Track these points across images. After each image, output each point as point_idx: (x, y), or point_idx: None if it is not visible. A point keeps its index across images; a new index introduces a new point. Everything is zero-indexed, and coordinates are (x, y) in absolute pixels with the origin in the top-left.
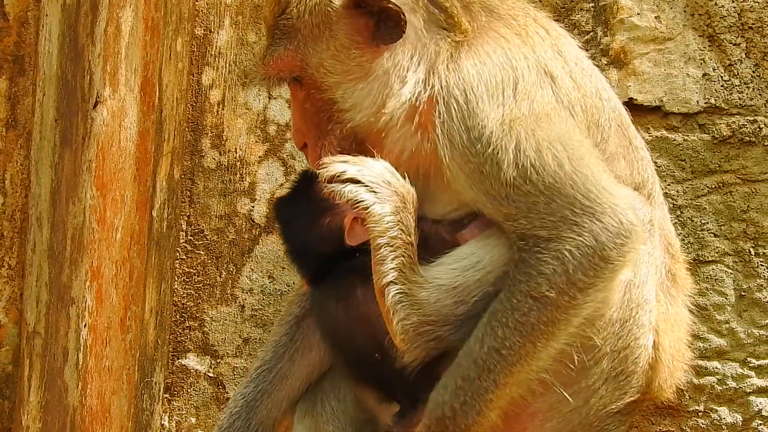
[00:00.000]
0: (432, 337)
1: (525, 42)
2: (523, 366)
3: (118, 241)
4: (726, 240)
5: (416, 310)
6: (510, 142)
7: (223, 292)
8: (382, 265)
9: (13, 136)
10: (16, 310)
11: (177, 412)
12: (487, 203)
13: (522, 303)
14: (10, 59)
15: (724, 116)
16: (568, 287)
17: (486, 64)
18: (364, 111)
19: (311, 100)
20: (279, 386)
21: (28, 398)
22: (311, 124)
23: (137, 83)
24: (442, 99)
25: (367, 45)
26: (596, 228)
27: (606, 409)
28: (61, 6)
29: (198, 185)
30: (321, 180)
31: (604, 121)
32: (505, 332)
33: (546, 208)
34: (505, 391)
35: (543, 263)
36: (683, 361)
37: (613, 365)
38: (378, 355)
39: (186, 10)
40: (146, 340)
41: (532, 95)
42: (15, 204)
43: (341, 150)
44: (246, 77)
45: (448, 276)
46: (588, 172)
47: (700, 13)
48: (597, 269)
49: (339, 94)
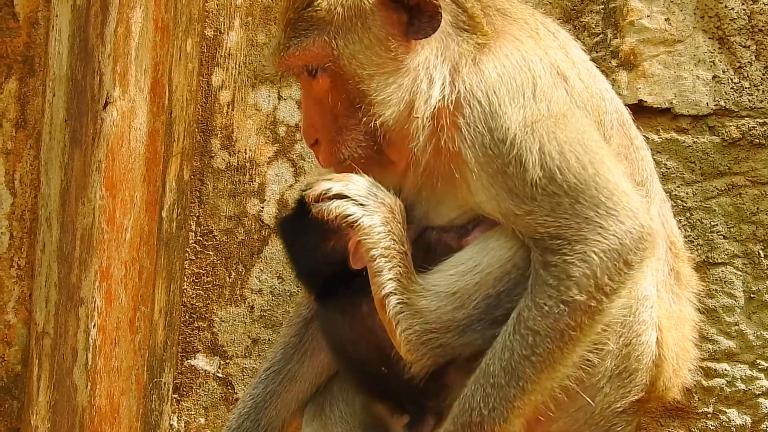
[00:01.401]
0: (437, 345)
1: (538, 44)
2: (550, 372)
3: (128, 241)
4: (735, 242)
5: (418, 319)
6: (534, 144)
7: (233, 292)
8: (379, 277)
9: (22, 137)
10: (25, 310)
11: (186, 413)
12: (507, 200)
13: (553, 308)
14: (20, 60)
15: (733, 118)
16: (596, 291)
17: (506, 66)
18: (393, 107)
19: (336, 92)
20: (288, 387)
21: (37, 398)
22: (329, 119)
23: (147, 84)
24: (466, 101)
25: (400, 38)
26: (620, 231)
27: (611, 408)
28: (71, 6)
29: (207, 186)
30: (307, 199)
31: (607, 120)
32: (536, 339)
33: (570, 208)
34: (531, 397)
35: (570, 265)
36: (689, 359)
37: (616, 363)
38: (385, 368)
39: (196, 11)
40: (155, 340)
41: (550, 96)
42: (24, 204)
43: (362, 147)
44: (256, 78)
45: (447, 282)
46: (609, 175)
47: (710, 16)
48: (621, 273)
49: (372, 86)
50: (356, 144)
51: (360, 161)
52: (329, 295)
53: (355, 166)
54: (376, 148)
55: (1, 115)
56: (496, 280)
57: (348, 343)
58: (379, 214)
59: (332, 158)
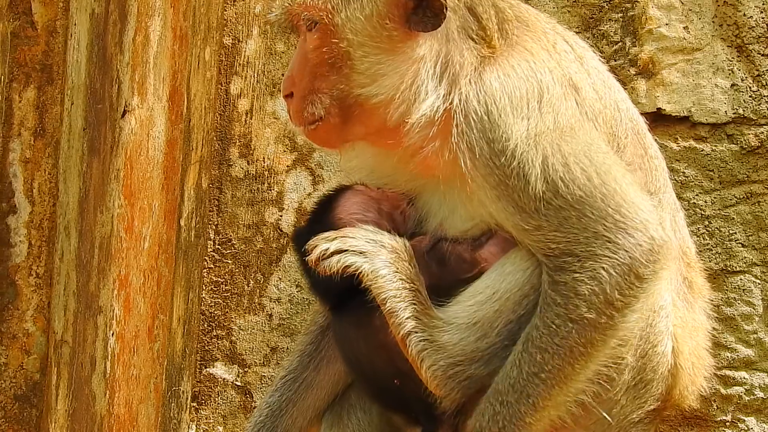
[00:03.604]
0: (464, 377)
1: (552, 56)
2: (561, 388)
3: (146, 250)
4: (754, 250)
5: (442, 354)
6: (536, 156)
7: (251, 301)
8: (395, 318)
9: (41, 145)
10: (43, 318)
11: (204, 421)
12: (515, 215)
13: (561, 326)
14: (38, 68)
15: (752, 126)
16: (606, 307)
17: (510, 77)
18: (378, 88)
19: (323, 50)
20: (304, 395)
21: (56, 407)
22: (308, 75)
23: (165, 92)
24: (461, 111)
25: (400, 23)
26: (629, 244)
27: (627, 419)
28: (90, 15)
29: (226, 194)
30: (310, 263)
31: (621, 131)
32: (544, 357)
33: (578, 222)
34: (543, 413)
35: (580, 283)
36: (704, 367)
37: (632, 375)
38: (397, 381)
39: (214, 20)
40: (174, 349)
41: (557, 108)
42: (43, 213)
43: (327, 111)
44: (274, 87)
45: (467, 313)
46: (616, 186)
47: (729, 24)
48: (632, 288)
49: (358, 54)
50: (322, 106)
51: (325, 128)
52: (343, 308)
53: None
54: (342, 118)
55: (20, 124)
56: (516, 304)
57: (361, 356)
58: (381, 257)
59: (299, 115)
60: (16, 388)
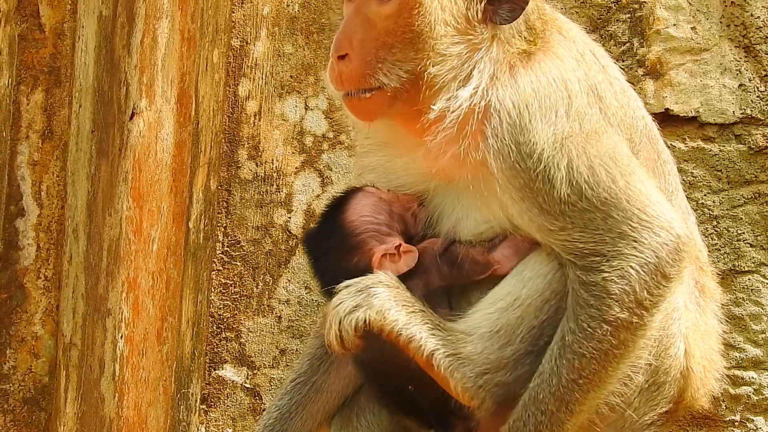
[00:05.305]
0: (493, 385)
1: (580, 65)
2: (596, 392)
3: (155, 252)
4: (762, 250)
5: (468, 366)
6: (562, 160)
7: (260, 303)
8: (413, 343)
9: (49, 148)
10: (52, 321)
11: (214, 423)
12: (540, 216)
13: (597, 329)
14: (46, 71)
15: (760, 126)
16: (637, 306)
17: (542, 83)
18: (446, 71)
19: (398, 22)
20: (314, 399)
21: (65, 409)
22: (373, 41)
23: (174, 94)
24: (496, 111)
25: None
26: (655, 243)
27: (640, 421)
28: (97, 17)
29: (234, 196)
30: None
31: (637, 136)
32: (582, 362)
33: (603, 223)
34: (579, 417)
35: (610, 283)
36: (716, 369)
37: (646, 377)
38: (411, 386)
39: (222, 22)
40: (183, 351)
41: (583, 115)
42: (51, 215)
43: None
44: (283, 88)
45: (488, 321)
46: (641, 187)
47: (736, 24)
48: (660, 286)
49: (441, 32)
50: (385, 76)
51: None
52: None
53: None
54: (399, 93)
55: (28, 127)
56: (537, 309)
57: (374, 361)
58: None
59: (354, 79)
60: (25, 391)
